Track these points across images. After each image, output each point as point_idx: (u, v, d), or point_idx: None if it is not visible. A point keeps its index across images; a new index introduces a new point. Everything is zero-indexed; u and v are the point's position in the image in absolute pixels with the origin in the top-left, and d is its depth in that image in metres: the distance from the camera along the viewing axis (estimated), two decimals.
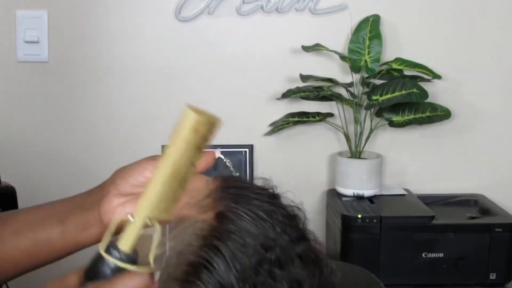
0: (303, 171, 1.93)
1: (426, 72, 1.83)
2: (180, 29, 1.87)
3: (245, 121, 1.90)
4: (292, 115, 1.86)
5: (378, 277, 1.18)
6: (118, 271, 0.58)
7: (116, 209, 0.69)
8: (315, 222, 1.93)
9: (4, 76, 1.88)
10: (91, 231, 0.70)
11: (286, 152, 1.93)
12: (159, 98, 1.89)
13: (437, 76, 1.84)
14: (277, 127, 1.86)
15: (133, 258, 0.59)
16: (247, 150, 1.88)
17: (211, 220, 0.62)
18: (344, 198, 1.78)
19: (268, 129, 1.89)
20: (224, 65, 1.89)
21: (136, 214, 0.59)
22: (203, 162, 0.66)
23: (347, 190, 1.79)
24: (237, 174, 0.76)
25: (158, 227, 0.59)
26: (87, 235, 0.71)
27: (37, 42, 1.85)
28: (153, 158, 0.69)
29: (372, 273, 1.20)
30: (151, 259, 0.58)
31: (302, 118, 1.84)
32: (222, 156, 0.72)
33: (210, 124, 0.59)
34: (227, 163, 1.57)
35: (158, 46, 1.89)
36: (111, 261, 0.58)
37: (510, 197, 1.89)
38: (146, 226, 0.59)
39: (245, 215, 0.62)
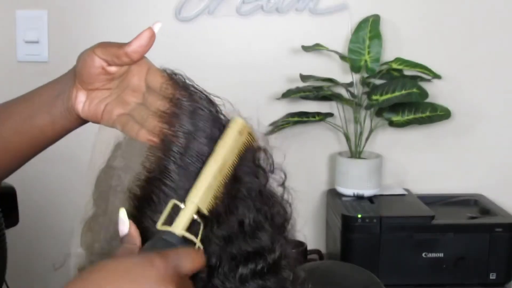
0: (303, 171, 1.93)
1: (426, 72, 1.83)
2: (180, 29, 1.87)
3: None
4: (292, 115, 1.86)
5: (378, 277, 1.18)
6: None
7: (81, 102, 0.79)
8: (315, 222, 1.93)
9: (4, 76, 1.88)
10: (74, 116, 0.81)
11: (285, 152, 1.92)
12: None
13: (437, 76, 1.84)
14: (277, 127, 1.86)
15: (184, 242, 0.63)
16: None
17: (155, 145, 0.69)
18: (344, 198, 1.78)
19: (268, 129, 1.89)
20: (224, 65, 1.89)
21: (188, 200, 0.64)
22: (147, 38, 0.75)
23: (347, 190, 1.79)
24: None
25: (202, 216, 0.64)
26: (71, 121, 0.81)
27: (37, 42, 1.85)
28: (94, 49, 0.79)
29: (372, 273, 1.20)
30: (198, 243, 0.63)
31: (302, 118, 1.84)
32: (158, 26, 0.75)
33: (251, 133, 0.73)
34: None
35: (158, 46, 1.88)
36: (179, 233, 0.62)
37: (510, 197, 1.89)
38: (196, 212, 0.64)
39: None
